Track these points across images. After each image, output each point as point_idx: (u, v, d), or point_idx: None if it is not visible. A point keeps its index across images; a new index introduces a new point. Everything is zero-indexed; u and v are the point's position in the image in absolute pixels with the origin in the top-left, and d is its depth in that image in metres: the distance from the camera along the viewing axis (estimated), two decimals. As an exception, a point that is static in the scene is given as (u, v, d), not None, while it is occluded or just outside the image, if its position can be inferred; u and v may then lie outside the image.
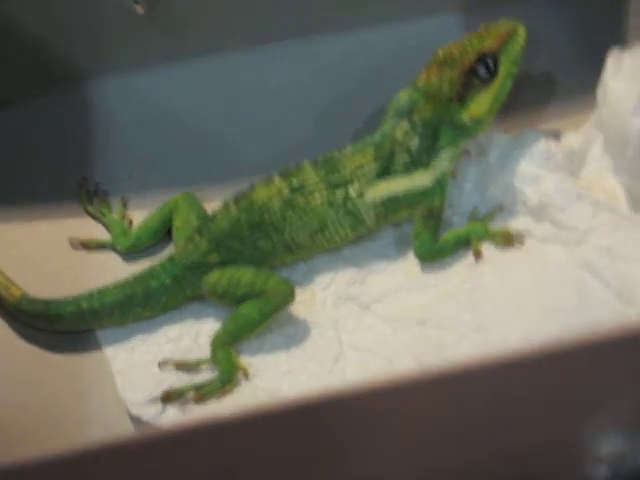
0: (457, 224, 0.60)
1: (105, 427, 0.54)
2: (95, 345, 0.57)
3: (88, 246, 0.62)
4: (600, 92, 0.58)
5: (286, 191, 0.57)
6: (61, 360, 0.57)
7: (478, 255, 0.58)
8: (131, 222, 0.63)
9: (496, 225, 0.59)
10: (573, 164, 0.60)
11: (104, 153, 0.66)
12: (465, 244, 0.58)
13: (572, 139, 0.61)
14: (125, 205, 0.63)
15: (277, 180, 0.57)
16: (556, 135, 0.62)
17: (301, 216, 0.57)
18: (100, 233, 0.62)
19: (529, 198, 0.58)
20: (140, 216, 0.62)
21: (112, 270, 0.60)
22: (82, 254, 0.61)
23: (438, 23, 0.69)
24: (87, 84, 0.67)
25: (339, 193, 0.57)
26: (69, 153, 0.65)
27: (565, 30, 0.68)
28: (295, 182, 0.57)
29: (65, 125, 0.66)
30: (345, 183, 0.57)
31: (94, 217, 0.63)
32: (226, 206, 0.57)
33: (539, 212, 0.58)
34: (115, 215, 0.63)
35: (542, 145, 0.59)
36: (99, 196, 0.64)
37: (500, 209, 0.59)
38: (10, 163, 0.65)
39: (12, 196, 0.63)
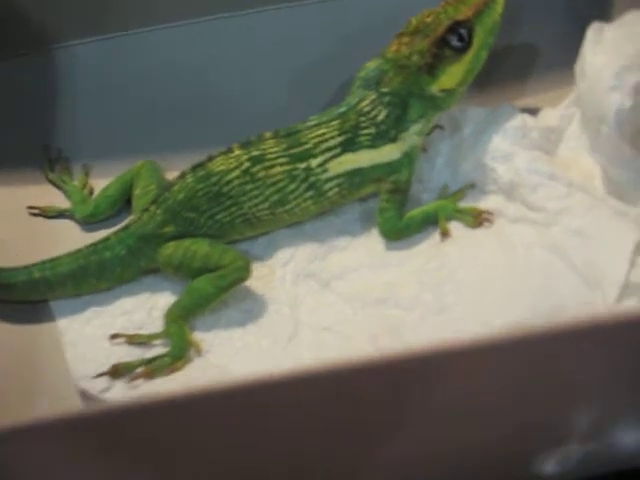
0: (426, 201, 0.58)
1: (55, 399, 0.52)
2: (49, 316, 0.55)
3: (47, 214, 0.60)
4: (578, 66, 0.55)
5: (245, 162, 0.55)
6: (13, 330, 0.55)
7: (445, 234, 0.55)
8: (92, 190, 0.61)
9: (466, 203, 0.57)
10: (550, 142, 0.57)
11: (69, 120, 0.64)
12: (432, 222, 0.56)
13: (550, 115, 0.59)
14: (87, 173, 0.62)
15: (236, 151, 0.55)
16: (534, 110, 0.60)
17: (261, 189, 0.55)
18: (61, 201, 0.61)
19: (501, 176, 0.56)
20: (102, 184, 0.60)
21: (71, 239, 0.58)
22: (41, 222, 0.60)
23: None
24: (54, 49, 0.65)
25: (301, 166, 0.55)
26: (34, 119, 0.64)
27: (552, 2, 0.65)
28: (255, 153, 0.55)
29: (31, 91, 0.64)
30: (307, 156, 0.55)
31: (55, 184, 0.61)
32: (183, 176, 0.55)
33: (510, 191, 0.56)
34: (76, 183, 0.61)
35: (517, 121, 0.57)
36: (61, 163, 0.62)
37: (471, 187, 0.57)
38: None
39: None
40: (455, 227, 0.56)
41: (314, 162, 0.55)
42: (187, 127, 0.63)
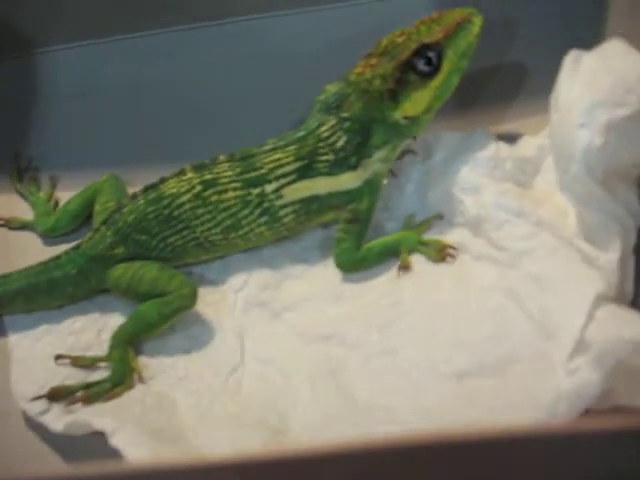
0: (391, 230, 0.56)
1: (-3, 417, 0.53)
2: (0, 330, 0.56)
3: (10, 225, 0.60)
4: (553, 96, 0.51)
5: (198, 186, 0.53)
6: (-36, 343, 0.56)
7: (405, 267, 0.53)
8: (58, 203, 0.60)
9: (431, 235, 0.54)
10: (525, 173, 0.54)
11: (41, 128, 0.63)
12: (393, 254, 0.53)
13: (529, 144, 0.55)
14: (54, 185, 0.61)
15: (189, 173, 0.53)
16: (513, 137, 0.56)
17: (213, 213, 0.53)
18: (27, 212, 0.60)
19: (468, 209, 0.53)
20: (69, 197, 0.60)
21: (31, 252, 0.58)
22: (4, 232, 0.59)
23: (406, 3, 0.63)
24: (32, 55, 0.65)
25: (254, 191, 0.53)
26: (5, 124, 0.63)
27: (546, 24, 0.61)
28: (208, 177, 0.53)
29: (6, 96, 0.64)
30: (262, 182, 0.53)
31: (22, 195, 0.61)
32: (134, 197, 0.54)
33: (477, 226, 0.53)
34: (42, 195, 0.61)
35: (490, 150, 0.54)
36: (30, 173, 0.62)
37: (438, 218, 0.54)
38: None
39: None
40: (416, 260, 0.53)
41: (269, 188, 0.53)
42: (158, 141, 0.61)
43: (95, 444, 0.50)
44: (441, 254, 0.53)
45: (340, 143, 0.53)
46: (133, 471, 0.41)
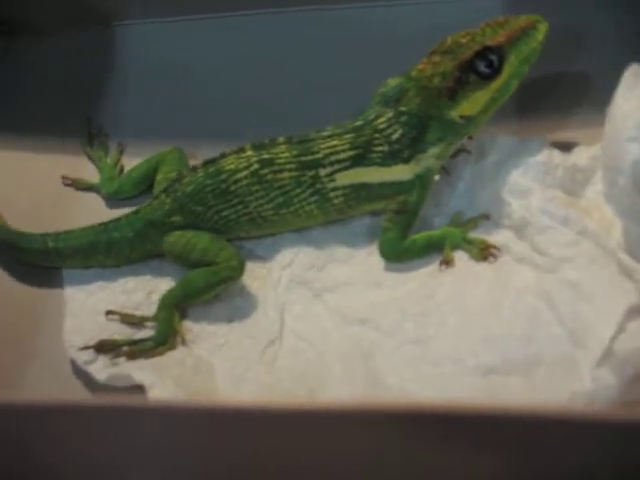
0: (438, 225, 0.57)
1: (46, 363, 0.55)
2: (59, 282, 0.58)
3: (77, 185, 0.63)
4: (610, 109, 0.52)
5: (255, 164, 0.55)
6: (23, 291, 0.58)
7: (447, 263, 0.54)
8: (123, 169, 0.63)
9: (476, 234, 0.55)
10: (575, 182, 0.55)
11: (114, 97, 0.66)
12: (436, 249, 0.55)
13: (582, 154, 0.56)
14: (121, 152, 0.64)
15: (248, 151, 0.55)
16: (568, 146, 0.57)
17: (267, 190, 0.55)
18: (93, 175, 0.63)
19: (514, 212, 0.54)
20: (134, 164, 0.63)
21: (94, 212, 0.61)
22: (70, 192, 0.63)
23: (478, 5, 0.64)
24: (112, 26, 0.68)
25: (309, 174, 0.55)
26: (82, 91, 0.67)
27: (612, 36, 0.61)
28: (266, 156, 0.55)
29: (83, 64, 0.67)
30: (316, 165, 0.55)
31: (90, 158, 0.64)
32: (194, 170, 0.56)
33: (521, 229, 0.54)
34: (109, 160, 0.64)
35: (543, 156, 0.55)
36: (100, 139, 0.65)
37: (485, 218, 0.55)
38: (25, 93, 0.67)
39: (20, 125, 0.65)
40: (459, 257, 0.55)
41: (322, 171, 0.55)
42: (223, 119, 0.64)
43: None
44: (484, 253, 0.54)
45: (395, 136, 0.54)
46: (153, 407, 0.43)
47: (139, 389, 0.52)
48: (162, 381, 0.51)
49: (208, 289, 0.55)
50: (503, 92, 0.54)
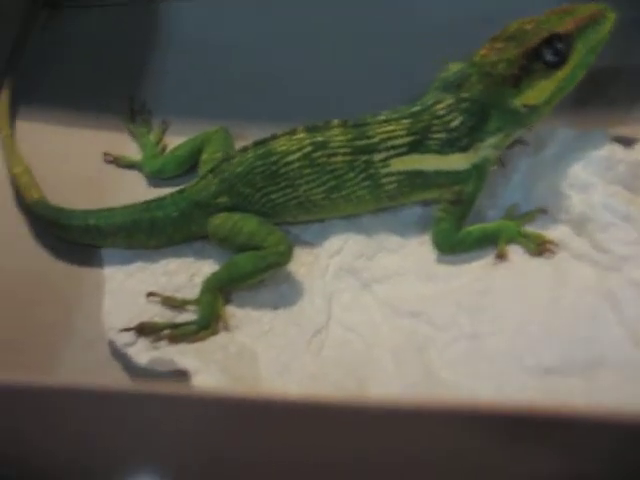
0: (492, 218, 0.55)
1: (84, 343, 0.54)
2: (98, 262, 0.57)
3: (119, 163, 0.61)
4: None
5: (308, 146, 0.53)
6: (62, 268, 0.57)
7: (501, 257, 0.52)
8: (165, 147, 0.62)
9: (532, 228, 0.53)
10: (637, 179, 0.53)
11: (158, 73, 0.65)
12: (491, 242, 0.53)
13: (646, 150, 0.54)
14: (164, 130, 0.62)
15: (300, 133, 0.54)
16: (631, 141, 0.55)
17: (319, 174, 0.54)
18: (135, 152, 0.62)
19: (574, 206, 0.52)
20: (176, 143, 0.61)
21: (135, 191, 0.60)
22: (112, 169, 0.61)
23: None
24: (158, 2, 0.66)
25: (362, 158, 0.53)
26: (125, 66, 0.65)
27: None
28: (319, 139, 0.53)
29: (133, 38, 0.66)
30: (371, 150, 0.53)
31: (133, 135, 0.63)
32: (244, 150, 0.55)
33: (580, 224, 0.52)
34: (152, 137, 0.62)
35: (605, 151, 0.53)
36: (143, 116, 0.63)
37: (542, 212, 0.54)
38: (68, 67, 0.66)
39: (61, 99, 0.64)
40: (513, 251, 0.53)
41: (377, 157, 0.53)
42: (271, 100, 0.62)
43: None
44: (540, 248, 0.52)
45: (455, 123, 0.52)
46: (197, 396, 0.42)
47: (181, 374, 0.51)
48: (207, 367, 0.49)
49: (255, 274, 0.53)
50: (568, 82, 0.52)
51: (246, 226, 0.54)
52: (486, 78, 0.52)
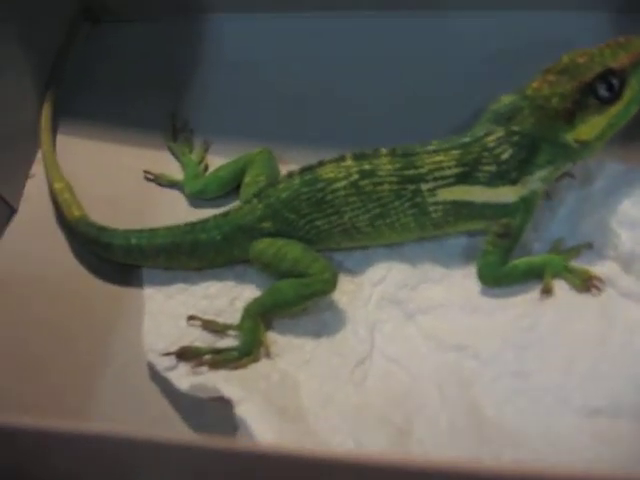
0: (537, 251, 0.55)
1: (122, 365, 0.54)
2: (138, 282, 0.57)
3: (160, 181, 0.61)
4: None
5: (355, 174, 0.53)
6: (102, 287, 0.57)
7: (547, 292, 0.52)
8: (207, 167, 0.61)
9: (578, 263, 0.53)
10: (687, 217, 0.52)
11: (201, 92, 0.64)
12: (536, 276, 0.53)
13: (696, 188, 0.53)
14: (206, 149, 0.62)
15: (348, 161, 0.53)
16: (678, 180, 0.55)
17: (365, 202, 0.53)
18: (176, 171, 0.61)
19: (623, 243, 0.52)
20: (219, 163, 0.60)
21: (175, 209, 0.59)
22: (152, 187, 0.61)
23: (587, 21, 0.62)
24: (203, 18, 0.66)
25: (410, 187, 0.53)
26: (167, 83, 0.65)
27: None
28: (367, 167, 0.53)
29: (172, 55, 0.66)
30: (419, 180, 0.52)
31: (174, 154, 0.62)
32: (290, 176, 0.54)
33: (629, 262, 0.51)
34: (194, 157, 0.62)
35: (655, 188, 0.52)
36: (185, 134, 0.63)
37: (588, 247, 0.53)
38: (109, 83, 0.66)
39: (102, 115, 0.63)
40: (559, 286, 0.52)
41: (425, 186, 0.53)
42: (316, 123, 0.61)
43: (210, 409, 0.51)
44: (586, 284, 0.52)
45: (505, 156, 0.52)
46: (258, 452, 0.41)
47: (220, 399, 0.50)
48: (250, 395, 0.49)
49: (298, 301, 0.52)
50: (621, 117, 0.51)
51: (290, 252, 0.53)
52: (538, 112, 0.51)
